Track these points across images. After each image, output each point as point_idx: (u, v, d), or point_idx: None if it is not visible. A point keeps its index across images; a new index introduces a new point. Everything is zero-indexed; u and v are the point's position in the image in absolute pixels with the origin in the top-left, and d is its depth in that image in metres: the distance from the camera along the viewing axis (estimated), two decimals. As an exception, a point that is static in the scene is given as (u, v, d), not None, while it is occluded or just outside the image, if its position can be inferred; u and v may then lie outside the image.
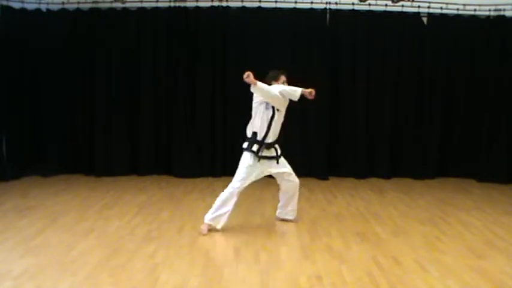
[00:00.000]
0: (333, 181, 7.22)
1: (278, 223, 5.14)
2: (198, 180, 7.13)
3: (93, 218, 5.22)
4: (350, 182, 7.18)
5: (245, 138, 4.82)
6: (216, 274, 3.79)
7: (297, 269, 3.96)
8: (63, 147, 7.34)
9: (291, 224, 5.11)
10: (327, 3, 7.24)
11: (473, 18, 7.27)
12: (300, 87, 4.66)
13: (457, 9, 7.26)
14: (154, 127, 7.41)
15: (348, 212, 5.59)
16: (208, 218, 4.77)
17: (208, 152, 7.41)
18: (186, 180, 7.13)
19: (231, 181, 7.03)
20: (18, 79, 7.13)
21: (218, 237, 4.65)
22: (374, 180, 7.30)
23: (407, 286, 3.63)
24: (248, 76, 4.47)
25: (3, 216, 5.22)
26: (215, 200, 6.04)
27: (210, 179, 7.23)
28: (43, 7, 7.26)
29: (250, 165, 4.74)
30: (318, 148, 7.33)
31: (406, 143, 7.46)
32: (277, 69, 5.05)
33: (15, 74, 7.10)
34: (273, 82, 4.89)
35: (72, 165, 7.36)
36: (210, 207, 5.66)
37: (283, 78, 4.92)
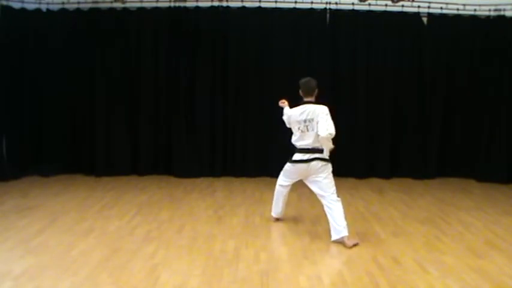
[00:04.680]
0: (333, 181, 7.21)
1: (278, 223, 5.14)
2: (198, 180, 7.13)
3: (93, 218, 5.21)
4: (350, 182, 7.18)
5: (318, 151, 4.67)
6: (216, 274, 3.79)
7: (297, 269, 3.96)
8: (63, 147, 7.33)
9: (291, 224, 5.11)
10: (327, 3, 7.24)
11: (473, 18, 7.27)
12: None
13: (457, 9, 7.26)
14: (154, 127, 7.41)
15: (348, 212, 5.54)
16: (344, 233, 4.52)
17: (208, 152, 7.40)
18: (186, 180, 7.13)
19: (230, 181, 7.15)
20: (19, 79, 7.12)
21: (218, 237, 4.64)
22: (374, 180, 7.29)
23: (407, 286, 3.63)
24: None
25: (3, 216, 5.21)
26: (216, 200, 6.08)
27: (210, 179, 7.23)
28: (43, 7, 7.25)
29: None
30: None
31: (406, 143, 7.46)
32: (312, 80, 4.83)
33: (15, 74, 7.09)
34: (311, 98, 4.76)
35: (72, 165, 7.35)
36: (210, 207, 5.71)
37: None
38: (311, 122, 4.61)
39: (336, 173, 7.19)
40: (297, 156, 4.73)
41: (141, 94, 7.33)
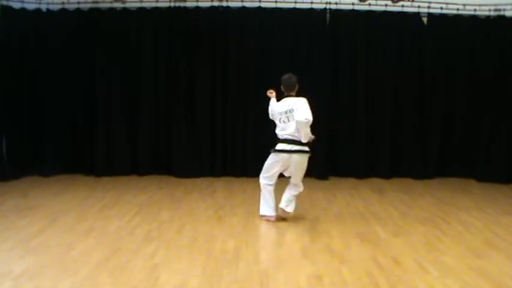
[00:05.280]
0: (333, 181, 7.22)
1: (278, 223, 5.14)
2: (198, 180, 7.13)
3: (93, 218, 5.21)
4: (350, 182, 7.19)
5: (300, 143, 4.95)
6: (216, 274, 3.79)
7: (297, 269, 3.95)
8: (63, 147, 7.33)
9: (291, 224, 5.11)
10: (327, 3, 7.24)
11: (473, 18, 7.27)
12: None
13: (457, 9, 7.26)
14: (154, 127, 7.41)
15: (348, 212, 5.59)
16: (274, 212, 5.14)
17: (208, 152, 7.40)
18: (186, 180, 7.13)
19: (231, 181, 7.13)
20: (19, 79, 7.12)
21: (218, 237, 4.64)
22: (374, 180, 7.29)
23: (407, 286, 3.63)
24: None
25: (3, 216, 5.21)
26: (216, 200, 6.08)
27: (210, 179, 7.23)
28: (43, 7, 7.25)
29: None
30: (318, 148, 7.33)
31: (406, 143, 7.46)
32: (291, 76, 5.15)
33: (15, 74, 7.09)
34: (292, 93, 5.09)
35: (72, 165, 7.35)
36: (210, 207, 5.71)
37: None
38: (291, 113, 4.94)
39: (336, 173, 7.35)
40: (279, 146, 5.02)
41: (141, 94, 7.33)
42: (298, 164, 4.99)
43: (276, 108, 5.10)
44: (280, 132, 5.05)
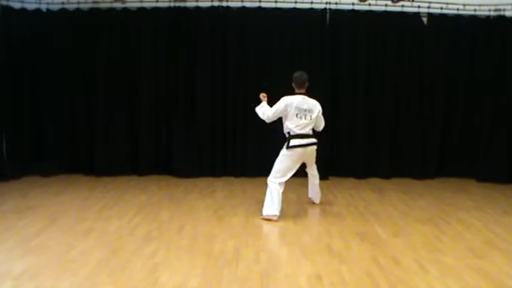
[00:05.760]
0: (333, 181, 7.22)
1: (278, 223, 5.14)
2: (198, 180, 7.13)
3: (93, 218, 5.21)
4: (350, 182, 7.19)
5: (311, 136, 5.40)
6: (216, 274, 3.79)
7: (297, 269, 3.95)
8: (63, 147, 7.33)
9: (291, 224, 5.12)
10: (327, 3, 7.24)
11: (473, 18, 7.27)
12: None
13: (457, 9, 7.26)
14: (154, 127, 7.41)
15: (348, 212, 5.59)
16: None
17: (208, 152, 7.40)
18: (186, 180, 7.13)
19: (231, 181, 7.14)
20: (19, 79, 7.12)
21: (218, 237, 4.64)
22: (374, 180, 7.29)
23: (407, 286, 3.63)
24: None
25: (3, 216, 5.21)
26: (216, 200, 6.08)
27: (210, 179, 7.24)
28: (43, 7, 7.25)
29: None
30: (318, 148, 7.32)
31: (406, 142, 7.46)
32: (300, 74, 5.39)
33: (16, 74, 7.09)
34: (303, 90, 5.35)
35: (72, 165, 7.36)
36: (210, 207, 5.72)
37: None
38: (309, 112, 5.29)
39: (336, 173, 7.35)
40: (294, 141, 5.24)
41: (141, 94, 7.33)
42: (312, 154, 5.44)
43: (297, 103, 5.24)
44: (294, 127, 5.24)
